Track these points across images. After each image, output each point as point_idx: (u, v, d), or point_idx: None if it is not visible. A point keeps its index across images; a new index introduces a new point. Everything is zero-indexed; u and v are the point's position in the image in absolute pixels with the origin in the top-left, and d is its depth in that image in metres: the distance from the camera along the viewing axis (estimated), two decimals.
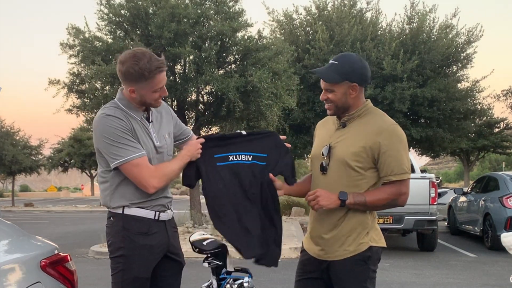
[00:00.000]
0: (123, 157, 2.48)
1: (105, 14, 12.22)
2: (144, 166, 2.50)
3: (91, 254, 10.10)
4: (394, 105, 15.07)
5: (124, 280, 2.55)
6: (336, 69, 2.51)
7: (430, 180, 9.71)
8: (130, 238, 2.55)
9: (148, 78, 2.48)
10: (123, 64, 2.49)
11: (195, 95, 12.88)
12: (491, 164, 55.09)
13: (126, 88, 2.58)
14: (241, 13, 12.27)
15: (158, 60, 2.50)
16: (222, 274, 3.02)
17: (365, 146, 2.47)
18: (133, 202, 2.57)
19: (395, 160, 2.45)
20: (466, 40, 17.17)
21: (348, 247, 2.52)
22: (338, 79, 2.50)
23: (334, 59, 2.56)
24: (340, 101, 2.54)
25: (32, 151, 32.46)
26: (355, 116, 2.57)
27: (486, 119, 25.44)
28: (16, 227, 2.99)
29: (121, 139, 2.49)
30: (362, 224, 2.53)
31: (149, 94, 2.55)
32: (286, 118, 15.30)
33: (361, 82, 2.54)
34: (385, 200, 2.46)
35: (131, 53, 2.51)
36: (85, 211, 28.25)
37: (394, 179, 2.46)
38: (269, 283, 7.02)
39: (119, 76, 2.58)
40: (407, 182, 2.49)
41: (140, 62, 2.45)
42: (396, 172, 2.45)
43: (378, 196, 2.47)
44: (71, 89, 12.55)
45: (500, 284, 7.07)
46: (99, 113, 2.55)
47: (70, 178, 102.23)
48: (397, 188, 2.47)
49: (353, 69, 2.50)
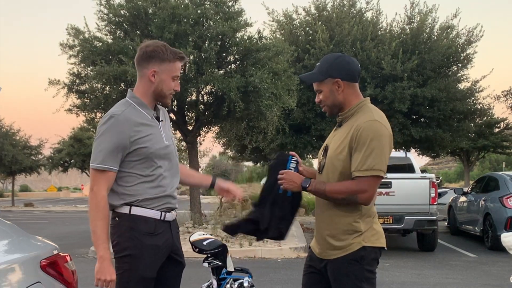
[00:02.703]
0: (96, 161, 2.53)
1: (104, 14, 12.22)
2: (102, 183, 2.52)
3: (91, 254, 10.10)
4: (394, 105, 15.08)
5: (130, 280, 2.55)
6: (319, 69, 2.59)
7: (430, 180, 9.71)
8: (137, 238, 2.55)
9: (172, 60, 2.61)
10: (149, 46, 2.62)
11: (195, 95, 12.89)
12: (491, 164, 55.12)
13: (148, 72, 2.61)
14: (240, 13, 12.28)
15: (180, 51, 2.70)
16: (222, 274, 3.02)
17: (345, 145, 2.48)
18: (138, 200, 2.57)
19: (362, 156, 2.41)
20: (467, 41, 17.18)
21: (339, 247, 2.52)
22: (320, 78, 2.57)
23: (319, 61, 2.65)
24: (329, 99, 2.58)
25: (32, 151, 32.46)
26: (348, 115, 2.58)
27: (486, 119, 25.40)
28: (16, 227, 2.99)
29: (109, 146, 2.51)
30: (356, 224, 2.51)
31: (168, 80, 2.62)
32: (286, 118, 15.30)
33: (344, 77, 2.54)
34: (343, 194, 2.44)
35: (157, 41, 2.71)
36: (85, 211, 28.24)
37: (356, 175, 2.42)
38: (269, 283, 7.01)
39: (140, 60, 2.63)
40: (371, 181, 2.41)
41: (167, 46, 2.64)
42: (359, 168, 2.41)
43: (338, 188, 2.46)
44: (71, 89, 12.55)
45: (500, 284, 7.07)
46: (108, 112, 2.59)
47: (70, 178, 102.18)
48: (357, 184, 2.42)
49: (332, 64, 2.55)
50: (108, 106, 11.17)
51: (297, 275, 2.46)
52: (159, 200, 2.61)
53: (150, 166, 2.58)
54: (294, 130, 16.31)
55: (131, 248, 2.55)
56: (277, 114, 12.91)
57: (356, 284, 2.50)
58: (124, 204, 2.58)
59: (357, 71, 2.59)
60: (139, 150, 2.55)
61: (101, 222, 2.49)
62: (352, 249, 2.50)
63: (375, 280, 2.58)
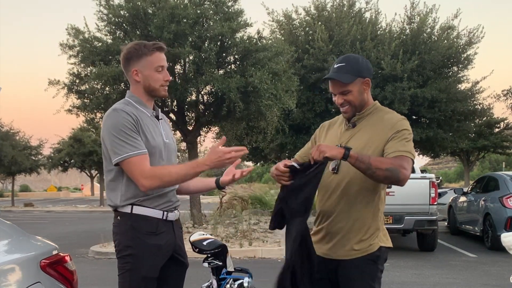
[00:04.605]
0: (120, 154, 2.49)
1: (104, 15, 12.22)
2: (139, 164, 2.49)
3: (91, 254, 10.10)
4: (394, 105, 15.05)
5: (132, 280, 2.54)
6: (346, 69, 2.56)
7: (430, 180, 9.71)
8: (139, 238, 2.55)
9: (148, 54, 2.61)
10: (125, 49, 2.67)
11: (195, 96, 12.89)
12: (491, 164, 55.17)
13: (131, 73, 2.65)
14: (240, 13, 12.27)
15: (155, 42, 2.69)
16: (222, 274, 3.02)
17: (378, 142, 2.51)
18: (140, 200, 2.56)
19: (400, 142, 2.47)
20: (467, 41, 17.18)
21: (359, 247, 2.53)
22: (352, 78, 2.55)
23: (340, 62, 2.61)
24: (358, 100, 2.58)
25: (32, 151, 32.47)
26: (364, 115, 2.61)
27: (486, 119, 25.42)
28: (16, 227, 2.99)
29: (123, 135, 2.49)
30: (373, 225, 2.55)
31: (152, 74, 2.62)
32: (286, 118, 15.31)
33: (370, 76, 2.62)
34: (388, 165, 2.38)
35: (134, 42, 2.75)
36: (85, 211, 28.26)
37: (397, 154, 2.44)
38: (269, 283, 7.00)
39: (123, 64, 2.68)
40: (410, 161, 2.45)
41: (142, 42, 2.68)
42: (399, 149, 2.45)
43: (382, 159, 2.43)
44: (71, 89, 12.55)
45: (500, 284, 7.06)
46: (110, 108, 2.61)
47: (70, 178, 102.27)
48: (400, 160, 2.42)
49: (361, 65, 2.58)
50: (108, 107, 11.10)
51: None
52: (161, 198, 2.61)
53: (152, 164, 2.58)
54: (293, 130, 16.31)
55: (133, 248, 2.54)
56: (277, 114, 12.92)
57: (370, 283, 2.52)
58: (126, 203, 2.57)
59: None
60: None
61: (176, 169, 2.54)
62: (371, 249, 2.53)
63: (381, 279, 2.61)
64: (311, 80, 15.81)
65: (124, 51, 2.67)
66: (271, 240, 10.81)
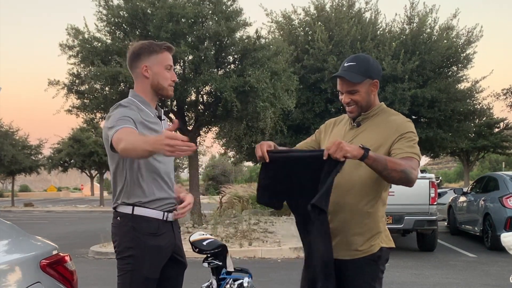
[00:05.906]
0: (112, 131, 2.37)
1: (104, 15, 12.24)
2: (121, 131, 2.33)
3: (91, 254, 10.10)
4: (394, 106, 15.03)
5: (133, 281, 2.53)
6: (356, 69, 2.57)
7: (430, 180, 9.70)
8: (140, 239, 2.54)
9: (159, 51, 2.66)
10: (135, 46, 2.69)
11: (195, 95, 12.89)
12: (491, 164, 55.15)
13: (140, 69, 2.65)
14: (238, 13, 12.27)
15: (164, 42, 2.76)
16: (222, 274, 3.02)
17: (384, 142, 2.52)
18: (141, 201, 2.56)
19: (408, 144, 2.50)
20: (466, 41, 17.19)
21: (360, 248, 2.54)
22: (361, 79, 2.56)
23: (350, 61, 2.61)
24: (364, 100, 2.60)
25: (32, 151, 32.48)
26: (369, 115, 2.63)
27: (486, 119, 25.42)
28: (15, 227, 2.99)
29: (120, 122, 2.42)
30: (375, 226, 2.55)
31: (161, 71, 2.66)
32: (285, 119, 15.31)
33: (379, 78, 2.63)
34: (403, 166, 2.38)
35: (142, 41, 2.77)
36: (85, 211, 28.27)
37: (406, 155, 2.46)
38: (269, 283, 7.01)
39: (131, 60, 2.67)
40: (418, 165, 2.49)
41: (149, 41, 2.74)
42: (407, 151, 2.47)
43: (397, 161, 2.42)
44: (70, 89, 12.56)
45: (500, 284, 7.07)
46: (116, 103, 2.63)
47: (70, 178, 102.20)
48: (411, 161, 2.45)
49: (371, 66, 2.59)
50: (108, 107, 11.17)
51: (297, 275, 2.47)
52: (162, 200, 2.61)
53: (152, 163, 2.58)
54: (293, 130, 16.31)
55: (134, 249, 2.54)
56: (271, 116, 12.78)
57: (370, 283, 2.53)
58: (126, 204, 2.58)
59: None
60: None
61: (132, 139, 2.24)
62: (373, 250, 2.54)
63: (382, 279, 2.61)
64: (310, 80, 15.80)
65: (134, 47, 2.69)
66: (271, 240, 10.81)
